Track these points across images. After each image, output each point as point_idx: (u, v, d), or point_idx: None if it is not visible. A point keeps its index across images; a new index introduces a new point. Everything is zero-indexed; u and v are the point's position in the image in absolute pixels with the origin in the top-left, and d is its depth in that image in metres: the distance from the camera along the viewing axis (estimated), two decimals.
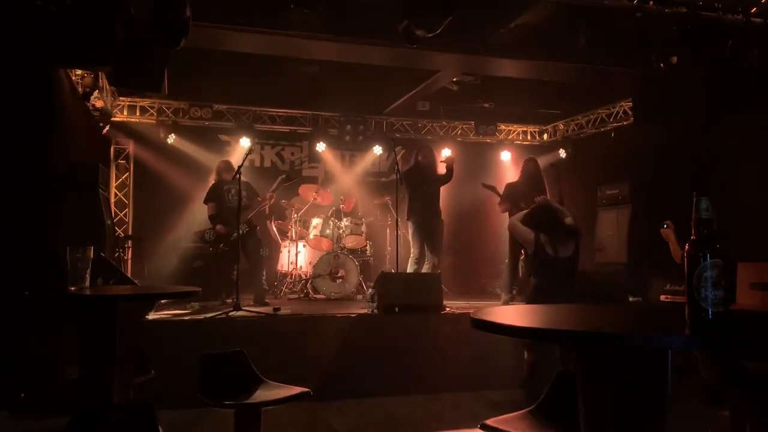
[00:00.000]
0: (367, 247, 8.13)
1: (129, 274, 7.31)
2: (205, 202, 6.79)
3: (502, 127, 10.04)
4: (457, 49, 6.34)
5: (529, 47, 6.31)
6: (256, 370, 2.90)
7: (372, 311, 5.76)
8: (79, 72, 6.63)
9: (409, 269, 6.85)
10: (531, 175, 7.20)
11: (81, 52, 5.29)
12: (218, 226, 6.56)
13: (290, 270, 7.85)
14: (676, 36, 5.45)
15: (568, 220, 4.67)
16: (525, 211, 4.93)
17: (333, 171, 9.74)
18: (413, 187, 6.94)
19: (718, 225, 5.07)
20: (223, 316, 5.29)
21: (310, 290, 7.49)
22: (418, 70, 7.54)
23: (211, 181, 6.99)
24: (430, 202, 6.99)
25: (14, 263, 4.91)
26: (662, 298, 6.25)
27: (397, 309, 5.63)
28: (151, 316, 5.24)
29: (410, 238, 7.02)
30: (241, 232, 6.30)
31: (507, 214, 7.18)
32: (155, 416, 2.06)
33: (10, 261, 4.90)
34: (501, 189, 7.31)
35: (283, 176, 6.98)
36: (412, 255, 6.95)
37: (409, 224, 6.99)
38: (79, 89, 6.79)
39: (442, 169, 7.13)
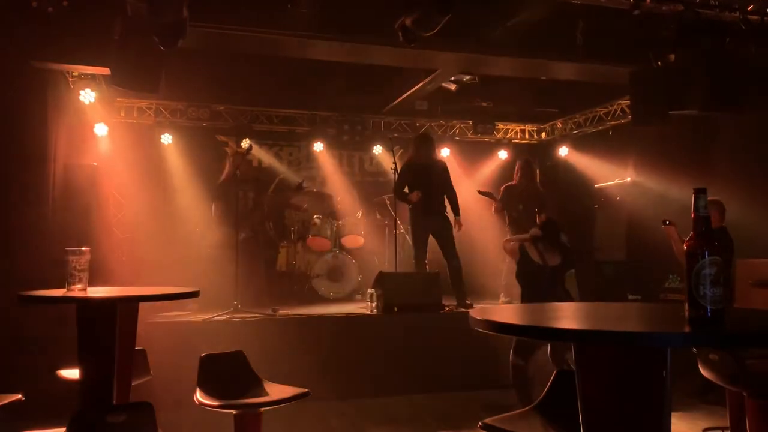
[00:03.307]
0: (366, 247, 8.12)
1: (127, 276, 7.30)
2: (213, 200, 6.75)
3: (500, 126, 10.03)
4: (455, 48, 6.33)
5: (527, 46, 6.31)
6: (255, 371, 2.89)
7: (371, 311, 5.76)
8: (75, 73, 6.62)
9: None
10: (527, 176, 7.19)
11: (77, 53, 5.29)
12: (223, 227, 6.53)
13: (289, 270, 7.84)
14: (674, 34, 5.45)
15: (563, 237, 4.80)
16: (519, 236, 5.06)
17: (331, 171, 9.73)
18: (409, 181, 6.65)
19: (723, 222, 5.03)
20: (222, 317, 5.28)
21: (308, 290, 7.48)
22: (416, 69, 7.53)
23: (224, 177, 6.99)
24: (428, 198, 6.57)
25: (12, 263, 4.90)
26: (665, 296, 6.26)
27: (396, 309, 5.63)
28: (150, 317, 5.24)
29: None
30: (243, 234, 6.29)
31: (505, 214, 7.18)
32: (154, 417, 2.06)
33: (8, 261, 4.90)
34: (500, 189, 7.30)
35: (298, 184, 7.03)
36: None
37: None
38: (76, 90, 6.78)
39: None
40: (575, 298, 4.93)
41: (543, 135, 10.34)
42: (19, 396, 2.58)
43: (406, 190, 6.65)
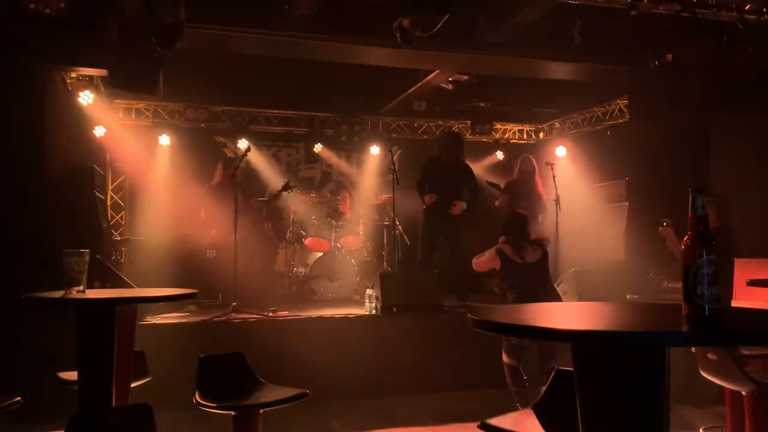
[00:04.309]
0: (365, 247, 8.13)
1: (125, 277, 7.30)
2: (202, 204, 6.75)
3: (498, 126, 10.05)
4: (453, 48, 6.34)
5: (525, 46, 6.32)
6: (255, 372, 2.89)
7: (370, 312, 5.76)
8: (73, 74, 6.62)
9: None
10: (528, 174, 7.20)
11: (75, 55, 5.29)
12: (216, 230, 6.52)
13: (287, 271, 7.84)
14: (671, 33, 5.46)
15: (527, 229, 4.85)
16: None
17: (329, 171, 9.74)
18: (429, 179, 6.69)
19: (721, 222, 5.05)
20: (221, 318, 5.28)
21: (307, 291, 7.48)
22: (414, 69, 7.54)
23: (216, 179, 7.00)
24: (443, 198, 6.57)
25: (11, 266, 4.90)
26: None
27: (395, 309, 5.63)
28: (149, 319, 5.23)
29: None
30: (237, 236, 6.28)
31: (504, 209, 7.18)
32: (153, 419, 2.06)
33: (6, 263, 4.89)
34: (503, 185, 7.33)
35: (284, 184, 7.04)
36: None
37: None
38: (74, 92, 6.77)
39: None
40: (562, 297, 4.93)
41: (541, 135, 10.35)
42: (18, 398, 2.57)
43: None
